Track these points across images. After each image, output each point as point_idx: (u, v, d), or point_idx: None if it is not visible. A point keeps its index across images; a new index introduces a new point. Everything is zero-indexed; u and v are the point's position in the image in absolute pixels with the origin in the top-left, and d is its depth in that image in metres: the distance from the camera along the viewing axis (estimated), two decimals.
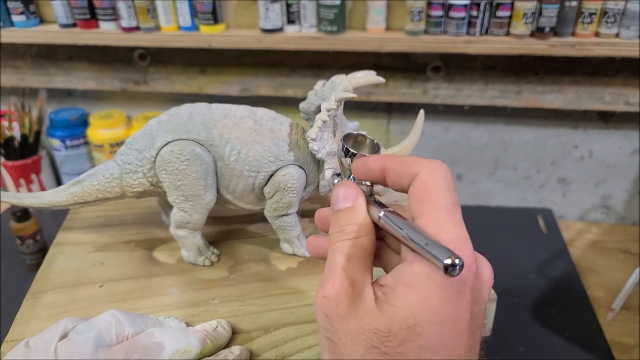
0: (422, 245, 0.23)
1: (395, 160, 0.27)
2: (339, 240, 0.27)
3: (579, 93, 0.82)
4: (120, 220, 0.60)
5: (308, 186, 0.50)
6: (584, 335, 0.68)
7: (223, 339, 0.40)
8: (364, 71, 0.46)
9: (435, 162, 0.26)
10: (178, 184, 0.47)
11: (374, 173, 0.28)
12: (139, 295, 0.48)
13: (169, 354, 0.36)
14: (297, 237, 0.52)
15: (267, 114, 0.49)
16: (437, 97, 0.86)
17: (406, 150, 0.49)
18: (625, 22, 0.71)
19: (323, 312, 0.25)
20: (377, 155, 0.29)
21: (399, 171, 0.27)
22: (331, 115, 0.45)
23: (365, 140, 0.32)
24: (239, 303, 0.46)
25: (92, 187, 0.50)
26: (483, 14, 0.73)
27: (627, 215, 0.97)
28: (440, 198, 0.25)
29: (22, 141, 0.90)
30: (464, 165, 0.96)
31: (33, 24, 0.83)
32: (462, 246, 0.23)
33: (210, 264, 0.52)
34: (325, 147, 0.46)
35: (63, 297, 0.48)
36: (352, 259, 0.26)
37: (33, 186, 0.94)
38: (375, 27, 0.77)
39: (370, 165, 0.28)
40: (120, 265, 0.52)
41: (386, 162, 0.28)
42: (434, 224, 0.24)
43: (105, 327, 0.36)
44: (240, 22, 0.82)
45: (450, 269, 0.22)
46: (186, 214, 0.49)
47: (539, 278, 0.79)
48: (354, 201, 0.28)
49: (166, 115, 0.49)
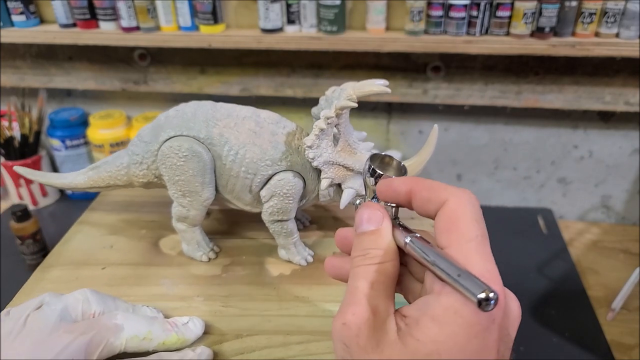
0: (453, 276, 0.22)
1: (423, 184, 0.26)
2: (362, 264, 0.26)
3: (579, 93, 0.82)
4: (139, 207, 0.62)
5: (308, 194, 0.49)
6: (584, 335, 0.68)
7: (191, 335, 0.40)
8: (373, 80, 0.44)
9: (463, 191, 0.25)
10: (176, 179, 0.47)
11: (399, 196, 0.27)
12: (133, 282, 0.49)
13: (127, 337, 0.37)
14: (294, 244, 0.51)
15: (270, 117, 0.48)
16: (437, 97, 0.86)
17: (417, 166, 0.47)
18: (625, 22, 0.71)
19: (341, 341, 0.24)
20: (404, 178, 0.28)
21: (426, 196, 0.26)
22: (331, 124, 0.43)
23: (392, 161, 0.31)
24: (221, 303, 0.46)
25: (104, 174, 0.52)
26: (483, 14, 0.73)
27: (627, 215, 0.97)
28: (468, 230, 0.24)
29: (22, 141, 0.90)
30: (464, 165, 0.96)
31: (33, 24, 0.83)
32: (491, 281, 0.22)
33: (207, 259, 0.52)
34: (323, 156, 0.44)
35: (68, 274, 0.50)
36: (376, 286, 0.25)
37: (33, 186, 0.94)
38: (375, 27, 0.77)
39: (396, 187, 0.27)
40: (126, 250, 0.54)
41: (413, 186, 0.26)
42: (461, 257, 0.23)
43: (73, 302, 0.38)
44: (240, 22, 0.82)
45: (484, 304, 0.21)
46: (184, 209, 0.49)
47: (539, 278, 0.79)
48: (380, 224, 0.27)
49: (173, 110, 0.50)
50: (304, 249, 0.52)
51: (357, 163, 0.46)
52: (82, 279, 0.49)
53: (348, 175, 0.46)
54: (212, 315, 0.44)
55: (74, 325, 0.36)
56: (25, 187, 0.93)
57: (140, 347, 0.38)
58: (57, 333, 0.35)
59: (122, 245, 0.55)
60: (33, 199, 0.95)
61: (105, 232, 0.57)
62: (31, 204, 0.95)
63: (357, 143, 0.46)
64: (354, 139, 0.47)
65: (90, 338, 0.35)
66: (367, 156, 0.45)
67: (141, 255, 0.53)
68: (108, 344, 0.36)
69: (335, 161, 0.45)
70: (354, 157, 0.46)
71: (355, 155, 0.46)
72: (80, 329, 0.36)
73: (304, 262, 0.51)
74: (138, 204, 0.62)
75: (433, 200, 0.25)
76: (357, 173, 0.46)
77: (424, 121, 0.93)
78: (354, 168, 0.45)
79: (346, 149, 0.46)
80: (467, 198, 0.25)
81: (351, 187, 0.46)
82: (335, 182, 0.46)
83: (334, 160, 0.45)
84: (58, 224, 0.91)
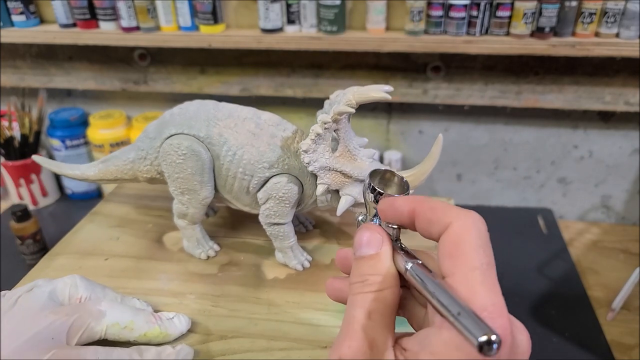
0: (454, 313, 0.21)
1: (427, 204, 0.25)
2: (360, 292, 0.25)
3: (579, 93, 0.82)
4: (151, 200, 0.62)
5: (305, 199, 0.48)
6: (584, 335, 0.68)
7: (175, 331, 0.41)
8: (376, 86, 0.42)
9: (470, 213, 0.24)
10: (175, 176, 0.48)
11: (402, 216, 0.26)
12: (131, 276, 0.49)
13: (108, 323, 0.38)
14: (291, 248, 0.50)
15: (271, 119, 0.48)
16: (437, 97, 0.86)
17: (419, 177, 0.45)
18: (625, 22, 0.71)
19: None
20: (407, 197, 0.26)
21: (430, 218, 0.24)
22: (329, 129, 0.43)
23: (393, 177, 0.30)
24: (211, 303, 0.46)
25: (112, 167, 0.53)
26: (483, 14, 0.73)
27: (627, 215, 0.97)
28: (473, 257, 0.22)
29: (22, 141, 0.90)
30: (464, 165, 0.96)
31: (33, 24, 0.83)
32: (497, 314, 0.21)
33: (205, 257, 0.52)
34: (319, 161, 0.44)
35: (72, 263, 0.51)
36: (373, 316, 0.24)
37: (33, 186, 0.94)
38: (375, 27, 0.77)
39: (399, 207, 0.26)
40: (131, 243, 0.54)
41: (416, 206, 0.25)
42: (465, 287, 0.22)
43: (62, 286, 0.39)
44: (240, 22, 0.82)
45: (486, 348, 0.19)
46: (183, 206, 0.50)
47: (539, 278, 0.79)
48: (379, 248, 0.26)
49: (178, 108, 0.50)
50: (301, 254, 0.51)
51: (356, 170, 0.44)
52: (84, 268, 0.50)
53: (346, 182, 0.45)
54: (200, 314, 0.44)
55: (60, 307, 0.38)
56: (25, 187, 0.93)
57: (120, 335, 0.38)
58: (43, 313, 0.36)
59: (127, 238, 0.55)
60: (33, 199, 0.95)
61: (115, 223, 0.58)
62: (31, 204, 0.95)
63: (357, 149, 0.45)
64: (354, 145, 0.45)
65: (73, 321, 0.36)
66: (367, 163, 0.44)
67: (144, 249, 0.53)
68: (89, 328, 0.37)
69: (332, 167, 0.44)
70: (353, 163, 0.45)
71: (355, 162, 0.45)
72: (65, 311, 0.37)
73: (300, 267, 0.50)
74: (150, 198, 0.63)
75: (437, 221, 0.24)
76: (355, 180, 0.45)
77: (424, 121, 0.93)
78: (352, 175, 0.44)
79: (345, 155, 0.44)
80: (473, 221, 0.23)
81: (349, 194, 0.45)
82: (332, 189, 0.45)
83: (331, 166, 0.44)
84: (58, 224, 0.91)
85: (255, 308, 0.45)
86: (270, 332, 0.42)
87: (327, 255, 0.52)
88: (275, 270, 0.50)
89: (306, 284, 0.48)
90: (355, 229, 0.55)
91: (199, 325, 0.43)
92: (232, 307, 0.45)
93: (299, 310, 0.45)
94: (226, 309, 0.45)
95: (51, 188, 0.98)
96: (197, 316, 0.44)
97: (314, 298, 0.46)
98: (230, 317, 0.44)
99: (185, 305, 0.45)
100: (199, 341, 0.41)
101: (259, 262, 0.52)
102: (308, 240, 0.54)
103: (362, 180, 0.44)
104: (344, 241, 0.54)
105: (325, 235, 0.56)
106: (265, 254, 0.53)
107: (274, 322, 0.43)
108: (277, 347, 0.41)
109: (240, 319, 0.44)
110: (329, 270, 0.49)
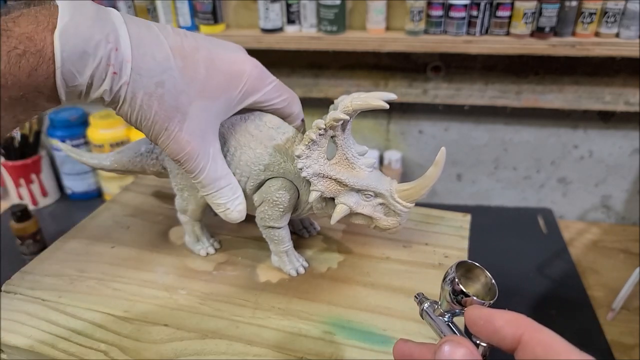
0: None
1: (540, 337, 0.21)
2: None
3: (579, 93, 0.82)
4: (168, 191, 0.62)
5: (302, 204, 0.47)
6: (584, 335, 0.68)
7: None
8: (377, 93, 0.40)
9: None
10: (175, 172, 0.48)
11: (501, 340, 0.22)
12: (131, 265, 0.50)
13: None
14: (285, 253, 0.49)
15: (272, 121, 0.47)
16: (437, 97, 0.86)
17: (421, 190, 0.43)
18: (625, 22, 0.71)
19: None
20: (511, 318, 0.23)
21: (542, 353, 0.21)
22: (327, 135, 0.42)
23: (481, 276, 0.26)
24: (199, 301, 0.46)
25: (124, 159, 0.53)
26: (483, 13, 0.73)
27: (627, 215, 0.97)
28: None
29: (22, 141, 0.90)
30: (464, 165, 0.96)
31: None
32: None
33: (205, 254, 0.52)
34: (312, 167, 0.42)
35: (81, 248, 0.52)
36: None
37: (33, 186, 0.94)
38: (375, 27, 0.77)
39: (500, 329, 0.23)
40: (138, 233, 0.55)
41: (526, 335, 0.22)
42: None
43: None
44: (240, 22, 0.82)
45: None
46: (184, 202, 0.50)
47: (539, 278, 0.79)
48: None
49: None
50: (296, 259, 0.50)
51: (352, 179, 0.43)
52: (90, 254, 0.51)
53: (341, 190, 0.44)
54: (187, 310, 0.44)
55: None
56: (25, 187, 0.93)
57: None
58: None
59: (137, 228, 0.56)
60: (33, 199, 0.95)
61: (128, 212, 0.59)
62: (31, 204, 0.95)
63: (356, 157, 0.43)
64: (353, 153, 0.43)
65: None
66: (365, 173, 0.43)
67: (149, 240, 0.54)
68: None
69: (326, 174, 0.43)
70: (351, 172, 0.43)
71: (353, 171, 0.43)
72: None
73: (294, 273, 0.50)
74: (167, 189, 0.63)
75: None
76: (351, 189, 0.43)
77: (424, 121, 0.93)
78: (347, 183, 0.43)
79: (343, 163, 0.43)
80: None
81: (344, 203, 0.44)
82: (327, 196, 0.44)
83: (325, 173, 0.43)
84: (58, 224, 0.91)
85: (240, 310, 0.45)
86: (249, 337, 0.42)
87: (325, 264, 0.51)
88: (269, 274, 0.50)
89: (296, 291, 0.47)
90: (358, 237, 0.55)
91: (183, 322, 0.43)
92: (218, 307, 0.45)
93: (283, 317, 0.44)
94: (212, 308, 0.45)
95: (51, 188, 0.98)
96: (183, 313, 0.44)
97: (301, 306, 0.45)
98: (214, 317, 0.44)
99: (174, 301, 0.45)
100: (178, 338, 0.41)
101: (256, 264, 0.51)
102: (309, 247, 0.54)
103: (359, 189, 0.43)
104: (344, 251, 0.53)
105: (327, 242, 0.55)
106: (263, 256, 0.52)
107: (255, 326, 0.43)
108: (252, 352, 0.40)
109: (223, 319, 0.43)
110: (323, 279, 0.48)
